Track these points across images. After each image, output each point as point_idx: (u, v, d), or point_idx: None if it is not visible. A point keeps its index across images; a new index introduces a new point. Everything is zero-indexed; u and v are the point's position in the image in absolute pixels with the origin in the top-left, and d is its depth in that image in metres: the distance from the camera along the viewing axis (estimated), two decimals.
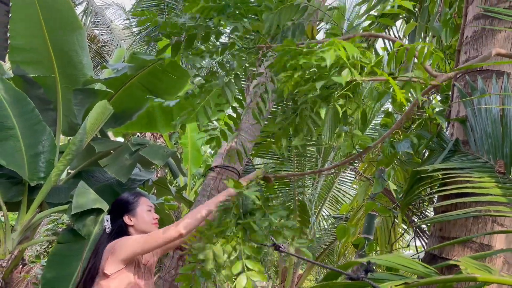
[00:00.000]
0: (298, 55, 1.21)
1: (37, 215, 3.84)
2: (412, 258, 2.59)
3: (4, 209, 3.67)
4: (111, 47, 12.43)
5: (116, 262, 1.89)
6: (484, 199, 1.65)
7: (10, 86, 3.94)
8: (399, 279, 0.89)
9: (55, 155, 3.95)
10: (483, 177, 1.72)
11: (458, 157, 1.97)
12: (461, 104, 2.13)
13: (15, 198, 3.77)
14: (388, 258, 0.91)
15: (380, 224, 4.10)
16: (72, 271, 3.44)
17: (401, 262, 0.92)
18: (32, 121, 3.92)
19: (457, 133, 2.12)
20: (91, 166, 4.58)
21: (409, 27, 2.38)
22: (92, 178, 4.46)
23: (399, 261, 0.93)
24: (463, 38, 2.27)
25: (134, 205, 2.16)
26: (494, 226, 1.85)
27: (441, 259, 1.92)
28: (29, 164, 3.72)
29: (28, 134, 3.82)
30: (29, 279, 7.94)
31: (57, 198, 4.00)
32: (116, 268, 1.89)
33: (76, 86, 4.22)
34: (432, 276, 0.90)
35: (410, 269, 0.91)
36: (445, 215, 1.80)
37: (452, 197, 1.85)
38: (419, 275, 0.91)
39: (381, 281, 0.87)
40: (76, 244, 3.58)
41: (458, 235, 1.89)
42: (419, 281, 0.85)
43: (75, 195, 3.63)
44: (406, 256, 0.92)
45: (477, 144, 1.94)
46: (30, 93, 4.15)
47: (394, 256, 0.93)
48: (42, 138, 3.92)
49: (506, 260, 1.85)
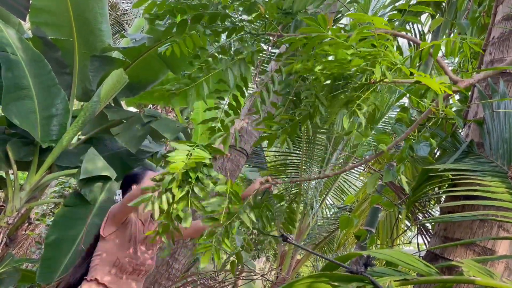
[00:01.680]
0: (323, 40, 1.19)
1: (46, 176, 3.90)
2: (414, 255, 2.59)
3: (14, 168, 3.73)
4: (130, 16, 12.38)
5: (109, 225, 2.03)
6: (493, 203, 1.63)
7: (28, 46, 3.95)
8: (398, 275, 0.88)
9: (68, 119, 3.98)
10: (494, 181, 1.69)
11: (471, 159, 1.94)
12: (480, 105, 2.09)
13: (26, 158, 3.82)
14: (389, 253, 0.91)
15: (384, 218, 4.09)
16: (76, 233, 3.51)
17: (402, 258, 0.92)
18: (48, 83, 3.94)
19: (472, 135, 2.08)
20: (102, 133, 4.62)
21: (435, 22, 2.32)
22: (102, 145, 4.50)
23: (400, 257, 0.92)
24: (489, 38, 2.22)
25: (141, 176, 2.24)
26: (500, 231, 1.84)
27: (442, 259, 1.91)
28: (41, 126, 3.76)
29: (43, 96, 3.84)
30: (33, 237, 8.13)
31: (67, 161, 4.04)
32: (110, 230, 2.02)
33: (93, 53, 4.22)
34: (432, 275, 0.89)
35: (411, 266, 0.91)
36: (452, 215, 1.79)
37: (460, 198, 1.83)
38: (420, 273, 0.90)
39: (380, 276, 0.87)
40: (82, 208, 3.64)
41: (462, 237, 1.88)
42: (419, 279, 0.85)
43: (85, 160, 3.68)
44: (407, 253, 0.92)
45: (492, 148, 1.91)
46: (47, 55, 4.16)
47: (395, 251, 0.92)
48: (56, 101, 3.95)
49: (508, 266, 1.84)
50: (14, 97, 3.60)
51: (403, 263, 0.90)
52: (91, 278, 1.95)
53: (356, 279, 0.80)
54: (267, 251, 10.54)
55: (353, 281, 0.79)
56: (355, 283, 0.78)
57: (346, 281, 0.79)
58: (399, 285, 0.83)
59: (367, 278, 0.79)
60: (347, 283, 0.78)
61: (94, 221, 3.56)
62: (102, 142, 4.53)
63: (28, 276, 4.34)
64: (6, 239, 3.97)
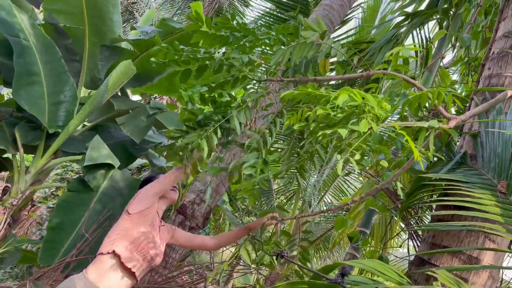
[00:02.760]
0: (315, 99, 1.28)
1: (52, 161, 3.98)
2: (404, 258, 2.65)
3: (21, 151, 3.82)
4: (141, 5, 12.42)
5: (139, 203, 2.11)
6: (481, 215, 1.70)
7: (40, 32, 4.02)
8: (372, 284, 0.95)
9: (75, 106, 4.05)
10: (484, 193, 1.76)
11: (463, 170, 2.01)
12: (475, 118, 2.16)
13: (33, 142, 3.90)
14: (366, 263, 0.98)
15: (379, 220, 4.17)
16: (78, 218, 3.60)
17: (378, 268, 0.99)
18: (58, 70, 4.01)
19: (466, 147, 2.15)
20: (108, 122, 4.70)
21: (438, 35, 2.38)
22: (107, 133, 4.58)
23: (376, 266, 0.99)
24: (489, 53, 2.28)
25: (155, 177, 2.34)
26: (486, 241, 1.91)
27: (429, 265, 1.99)
28: (49, 112, 3.84)
29: (52, 82, 3.92)
30: (34, 218, 8.26)
31: (72, 147, 4.13)
32: (138, 209, 2.09)
33: (103, 42, 4.29)
34: (404, 285, 0.97)
35: (385, 276, 0.98)
36: (440, 224, 1.87)
37: (451, 207, 1.91)
38: (393, 282, 0.97)
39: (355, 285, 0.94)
40: (85, 194, 3.72)
41: (449, 244, 1.95)
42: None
43: (90, 147, 3.76)
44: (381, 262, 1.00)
45: (484, 161, 1.98)
46: (58, 42, 4.23)
47: (372, 261, 1.00)
48: (65, 88, 4.02)
49: (492, 275, 1.92)
50: (24, 82, 3.67)
51: (378, 273, 0.97)
52: (108, 251, 2.00)
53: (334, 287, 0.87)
54: None
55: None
56: None
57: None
58: None
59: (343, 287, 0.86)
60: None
61: (96, 207, 3.64)
62: (107, 130, 4.61)
63: (28, 256, 4.44)
64: (9, 219, 4.06)
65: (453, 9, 3.70)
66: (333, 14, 4.06)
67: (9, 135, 3.86)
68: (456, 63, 2.82)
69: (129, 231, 2.05)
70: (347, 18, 5.98)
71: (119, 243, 2.02)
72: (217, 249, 2.18)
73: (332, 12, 4.05)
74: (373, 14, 6.58)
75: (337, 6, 4.08)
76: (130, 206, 2.11)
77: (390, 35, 4.51)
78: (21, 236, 7.56)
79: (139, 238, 2.05)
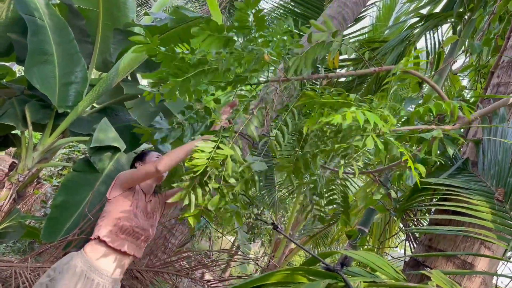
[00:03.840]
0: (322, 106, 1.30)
1: (59, 140, 4.04)
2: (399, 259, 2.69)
3: (30, 129, 3.87)
4: None
5: (116, 189, 2.24)
6: (477, 221, 1.72)
7: (54, 12, 4.05)
8: (369, 276, 0.98)
9: (85, 88, 4.09)
10: (480, 200, 1.78)
11: (464, 176, 2.03)
12: (480, 123, 2.17)
13: (42, 120, 3.96)
14: (364, 255, 1.01)
15: (379, 220, 4.20)
16: (82, 198, 3.66)
17: (376, 262, 1.01)
18: (70, 50, 4.05)
19: (469, 153, 2.17)
20: (117, 105, 4.74)
21: (449, 40, 2.37)
22: (115, 116, 4.62)
23: (374, 260, 1.02)
24: (499, 61, 2.28)
25: (145, 155, 2.51)
26: (481, 248, 1.93)
27: (424, 267, 2.02)
28: (60, 91, 3.89)
29: (64, 63, 3.96)
30: (38, 195, 8.37)
31: (80, 128, 4.18)
32: (115, 194, 2.23)
33: (116, 25, 4.31)
34: (400, 281, 0.99)
35: (382, 270, 1.00)
36: (437, 228, 1.89)
37: (449, 212, 1.93)
38: (390, 278, 1.00)
39: (353, 276, 0.97)
40: (90, 174, 3.78)
41: (445, 248, 1.98)
42: (386, 283, 0.96)
43: (97, 129, 3.81)
44: (379, 256, 1.02)
45: (484, 168, 1.99)
46: (72, 22, 4.26)
47: (370, 254, 1.02)
48: (76, 69, 4.06)
49: (485, 281, 1.95)
50: (37, 61, 3.72)
51: (376, 267, 1.00)
52: (94, 237, 2.13)
53: (330, 276, 0.89)
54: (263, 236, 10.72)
55: (327, 277, 0.88)
56: (329, 279, 0.87)
57: (321, 276, 0.88)
58: (368, 286, 0.93)
59: (341, 276, 0.89)
60: (321, 278, 0.89)
61: (100, 188, 3.70)
62: (115, 113, 4.65)
63: (31, 232, 4.53)
64: (15, 195, 4.13)
65: (468, 13, 3.68)
66: (346, 12, 4.05)
67: (19, 112, 3.92)
68: (466, 69, 2.82)
69: (110, 214, 2.18)
70: (361, 16, 5.95)
71: (104, 228, 2.14)
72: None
73: (345, 9, 4.03)
74: (388, 13, 6.53)
75: (351, 4, 4.07)
76: (108, 192, 2.25)
77: (403, 36, 4.49)
78: (25, 212, 7.68)
79: (119, 219, 2.16)
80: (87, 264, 2.04)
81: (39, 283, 2.00)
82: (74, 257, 2.06)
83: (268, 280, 0.85)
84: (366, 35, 6.66)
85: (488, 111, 1.57)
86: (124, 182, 2.23)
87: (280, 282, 0.87)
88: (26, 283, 3.44)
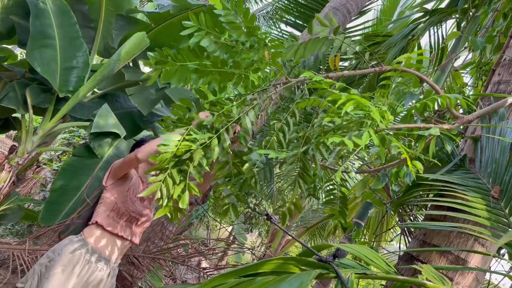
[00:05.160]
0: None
1: (60, 125, 4.05)
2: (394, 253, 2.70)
3: (30, 112, 3.88)
4: None
5: (111, 177, 2.26)
6: (471, 218, 1.73)
7: None
8: (361, 269, 0.99)
9: (86, 73, 4.09)
10: (476, 197, 1.79)
11: (461, 173, 2.04)
12: (479, 122, 2.17)
13: (43, 104, 3.96)
14: (356, 248, 1.02)
15: (375, 214, 4.22)
16: (81, 183, 3.68)
17: (368, 255, 1.02)
18: (72, 35, 4.04)
19: (467, 150, 2.17)
20: (118, 91, 4.74)
21: (452, 35, 2.37)
22: (116, 102, 4.62)
23: (366, 253, 1.03)
24: (501, 59, 2.27)
25: (143, 142, 2.48)
26: (475, 244, 1.95)
27: (417, 261, 2.04)
28: (61, 76, 3.88)
29: (65, 47, 3.95)
30: (38, 179, 8.40)
31: (81, 113, 4.19)
32: (110, 182, 2.25)
33: (119, 11, 4.29)
34: (391, 274, 1.01)
35: (373, 263, 1.02)
36: (431, 223, 1.90)
37: (444, 208, 1.94)
38: (381, 270, 1.02)
39: (345, 267, 0.98)
40: (89, 160, 3.80)
41: (439, 244, 2.00)
42: (377, 275, 0.97)
43: (98, 115, 3.82)
44: (372, 250, 1.03)
45: (482, 165, 2.00)
46: (74, 6, 4.25)
47: (362, 247, 1.03)
48: (78, 54, 4.05)
49: (477, 277, 1.97)
50: (38, 44, 3.71)
51: (367, 259, 1.01)
52: (92, 222, 2.17)
53: (321, 266, 0.91)
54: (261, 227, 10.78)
55: (318, 268, 0.90)
56: (320, 270, 0.89)
57: (312, 266, 0.90)
58: (359, 277, 0.95)
59: (332, 267, 0.90)
60: (313, 268, 0.90)
61: (99, 174, 3.72)
62: (116, 99, 4.66)
63: (30, 215, 4.56)
64: (14, 178, 4.15)
65: (472, 10, 3.66)
66: (350, 4, 4.03)
67: (20, 95, 3.92)
68: (467, 66, 2.81)
69: (107, 200, 2.21)
70: (365, 9, 5.92)
71: (101, 213, 2.18)
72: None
73: (350, 2, 4.02)
74: (392, 7, 6.50)
75: None
76: (104, 180, 2.27)
77: (407, 30, 4.48)
78: (24, 195, 7.71)
79: (116, 204, 2.21)
80: (85, 247, 2.08)
81: (39, 263, 2.04)
82: (73, 240, 2.09)
83: (260, 268, 0.86)
84: (370, 28, 6.63)
85: (487, 112, 1.58)
86: (114, 170, 2.25)
87: (272, 271, 0.88)
88: (23, 265, 3.48)
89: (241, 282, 0.79)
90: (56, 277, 1.95)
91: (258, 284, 0.79)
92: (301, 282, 0.77)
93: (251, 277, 0.83)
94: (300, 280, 0.78)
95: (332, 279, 0.93)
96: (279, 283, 0.78)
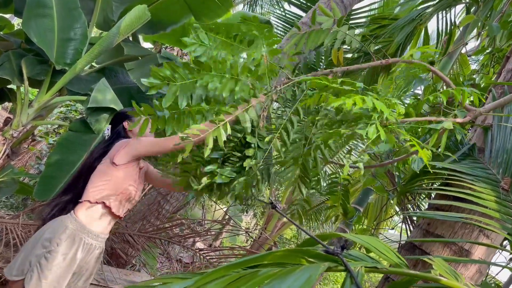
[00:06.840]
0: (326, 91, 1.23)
1: (56, 98, 3.94)
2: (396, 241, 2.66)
3: (26, 84, 3.77)
4: None
5: (127, 155, 2.08)
6: (478, 209, 1.68)
7: None
8: (371, 261, 0.93)
9: (84, 45, 3.96)
10: (485, 188, 1.73)
11: (469, 162, 1.98)
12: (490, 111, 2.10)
13: (39, 76, 3.85)
14: (366, 239, 0.96)
15: (374, 201, 4.18)
16: (77, 158, 3.60)
17: (377, 247, 0.96)
18: (70, 5, 3.90)
19: (476, 139, 2.11)
20: (116, 66, 4.62)
21: (466, 19, 2.27)
22: (114, 77, 4.51)
23: (376, 244, 0.96)
24: None
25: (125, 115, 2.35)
26: (480, 235, 1.90)
27: (419, 251, 1.99)
28: (58, 47, 3.76)
29: (63, 18, 3.82)
30: (33, 152, 8.32)
31: (78, 87, 4.08)
32: (125, 161, 2.08)
33: None
34: (402, 268, 0.95)
35: (384, 256, 0.95)
36: (437, 213, 1.85)
37: (450, 198, 1.88)
38: (391, 263, 0.95)
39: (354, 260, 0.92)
40: (86, 135, 3.71)
41: (443, 234, 1.95)
42: (389, 269, 0.91)
43: (95, 89, 3.71)
44: (380, 240, 0.97)
45: (492, 155, 1.94)
46: None
47: (372, 239, 0.97)
48: (76, 25, 3.92)
49: (480, 269, 1.92)
50: (35, 13, 3.58)
51: (377, 251, 0.95)
52: (96, 201, 2.04)
53: (330, 259, 0.84)
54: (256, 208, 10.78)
55: (327, 260, 0.83)
56: (329, 262, 0.82)
57: (321, 259, 0.84)
58: (369, 271, 0.88)
59: (341, 260, 0.84)
60: (319, 260, 0.84)
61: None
62: (115, 74, 4.53)
63: (24, 188, 4.50)
64: (9, 150, 4.07)
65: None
66: None
67: (15, 66, 3.81)
68: (480, 52, 2.72)
69: (118, 182, 2.07)
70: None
71: (109, 195, 2.06)
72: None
73: None
74: None
75: None
76: (114, 156, 2.09)
77: (414, 14, 4.35)
78: (19, 169, 7.64)
79: (128, 188, 2.10)
80: (79, 227, 1.99)
81: (35, 255, 1.90)
82: (66, 221, 1.99)
83: (265, 260, 0.80)
84: (376, 10, 6.48)
85: (501, 105, 1.51)
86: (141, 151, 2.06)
87: (277, 263, 0.82)
88: (16, 239, 3.43)
89: (244, 274, 0.73)
90: (58, 267, 1.89)
91: (262, 277, 0.73)
92: (309, 276, 0.71)
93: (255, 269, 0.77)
94: (308, 274, 0.71)
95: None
96: (284, 276, 0.72)
